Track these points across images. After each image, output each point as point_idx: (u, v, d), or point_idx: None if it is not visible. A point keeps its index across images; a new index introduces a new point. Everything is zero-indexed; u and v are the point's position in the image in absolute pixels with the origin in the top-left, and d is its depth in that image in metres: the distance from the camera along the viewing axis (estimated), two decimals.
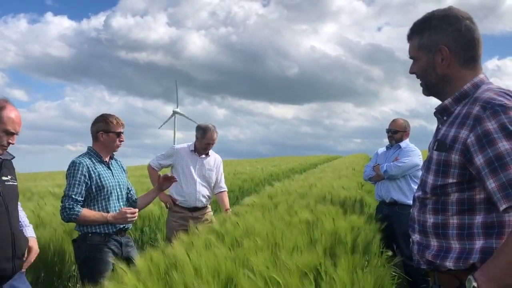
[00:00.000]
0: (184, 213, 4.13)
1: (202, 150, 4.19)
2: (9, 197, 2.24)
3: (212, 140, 4.16)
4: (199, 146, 4.18)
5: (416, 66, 1.57)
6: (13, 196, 2.29)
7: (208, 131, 4.14)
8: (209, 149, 4.22)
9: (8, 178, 2.29)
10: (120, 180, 3.19)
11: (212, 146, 4.21)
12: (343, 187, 5.40)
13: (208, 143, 4.15)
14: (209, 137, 4.14)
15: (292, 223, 3.01)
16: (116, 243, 3.06)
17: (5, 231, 2.16)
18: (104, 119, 3.13)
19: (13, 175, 2.36)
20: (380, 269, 2.64)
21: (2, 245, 2.14)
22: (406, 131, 4.35)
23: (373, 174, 4.36)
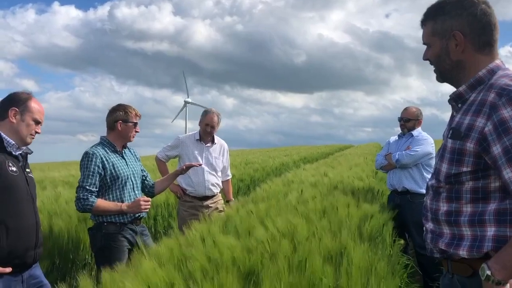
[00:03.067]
0: (194, 202, 4.13)
1: (205, 135, 4.15)
2: (32, 187, 2.33)
3: (212, 122, 4.10)
4: (201, 130, 4.16)
5: (430, 52, 1.55)
6: (34, 187, 2.39)
7: (208, 112, 4.13)
8: (210, 133, 4.15)
9: (28, 170, 2.38)
10: (134, 169, 3.22)
11: (213, 130, 4.14)
12: (355, 177, 5.39)
13: (207, 123, 4.10)
14: (209, 118, 4.10)
15: (305, 212, 3.02)
16: (131, 232, 3.10)
17: (32, 220, 2.25)
18: (123, 108, 3.16)
19: (30, 168, 2.45)
20: (393, 257, 2.65)
21: (29, 233, 2.23)
22: (419, 119, 4.31)
23: (384, 163, 4.34)
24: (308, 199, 3.49)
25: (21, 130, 2.27)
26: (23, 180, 2.25)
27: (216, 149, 4.24)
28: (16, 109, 2.27)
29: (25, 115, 2.29)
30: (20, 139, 2.28)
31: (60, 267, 3.68)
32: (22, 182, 2.23)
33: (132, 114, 3.16)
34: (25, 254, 2.21)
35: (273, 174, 11.06)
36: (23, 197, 2.22)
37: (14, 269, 2.17)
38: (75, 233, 3.83)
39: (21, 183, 2.21)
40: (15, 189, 2.17)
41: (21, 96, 2.32)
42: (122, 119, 3.14)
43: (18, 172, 2.21)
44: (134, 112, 3.18)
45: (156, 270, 1.88)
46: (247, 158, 14.23)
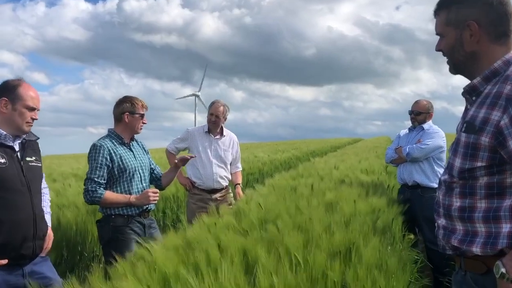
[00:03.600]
0: (203, 195, 4.12)
1: (212, 126, 4.13)
2: (32, 178, 2.25)
3: (217, 111, 4.08)
4: (208, 122, 4.14)
5: (443, 42, 1.50)
6: (36, 176, 2.31)
7: (215, 102, 4.11)
8: (215, 122, 4.12)
9: (32, 159, 2.30)
10: (142, 161, 3.21)
11: (218, 120, 4.11)
12: (365, 170, 5.34)
13: (211, 113, 4.08)
14: (214, 108, 4.08)
15: (314, 205, 3.00)
16: (139, 225, 3.09)
17: (28, 210, 2.18)
18: (129, 100, 3.15)
19: (38, 156, 2.37)
20: (403, 252, 2.61)
21: (24, 225, 2.16)
22: (429, 112, 4.25)
23: (395, 156, 4.30)
24: (317, 193, 3.47)
25: (15, 120, 2.19)
26: (16, 170, 2.16)
27: (225, 142, 4.21)
28: (5, 99, 2.19)
29: (17, 103, 2.20)
30: (16, 128, 2.21)
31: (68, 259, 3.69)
32: (13, 172, 2.14)
33: (138, 105, 3.14)
34: (22, 246, 2.15)
35: (281, 167, 11.03)
36: (15, 188, 2.14)
37: (12, 262, 2.12)
38: (83, 225, 3.84)
39: (12, 174, 2.13)
40: (4, 181, 2.09)
41: (10, 84, 2.23)
42: (129, 111, 3.13)
43: (7, 163, 2.13)
44: (140, 103, 3.16)
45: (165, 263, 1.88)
46: (256, 152, 14.22)
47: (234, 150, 4.29)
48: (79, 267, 3.70)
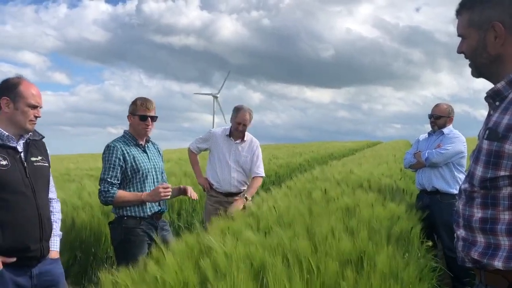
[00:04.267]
0: (220, 197, 4.09)
1: (236, 132, 4.07)
2: (37, 178, 2.21)
3: (244, 120, 4.00)
4: (232, 127, 4.08)
5: (465, 45, 1.42)
6: (41, 177, 2.27)
7: (241, 110, 4.02)
8: (241, 130, 4.05)
9: (37, 159, 2.26)
10: (156, 163, 3.19)
11: (245, 128, 4.05)
12: (382, 174, 5.24)
13: (239, 122, 4.00)
14: (241, 116, 4.00)
15: (329, 210, 2.94)
16: (151, 227, 3.07)
17: (32, 212, 2.15)
18: (133, 101, 3.14)
19: (45, 156, 2.33)
20: (420, 260, 2.53)
21: (30, 226, 2.13)
22: (450, 116, 4.14)
23: (413, 161, 4.20)
24: (333, 197, 3.41)
25: (18, 120, 2.15)
26: (19, 172, 2.12)
27: (245, 147, 4.13)
28: (7, 98, 2.14)
29: (18, 102, 2.15)
30: (19, 128, 2.17)
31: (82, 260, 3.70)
32: (16, 174, 2.10)
33: (137, 105, 3.11)
34: (29, 248, 2.12)
35: (298, 170, 10.95)
36: (17, 190, 2.10)
37: (20, 263, 2.10)
38: (97, 226, 3.84)
39: (14, 175, 2.09)
40: (6, 183, 2.06)
41: (10, 82, 2.18)
42: (131, 112, 3.12)
43: (10, 164, 2.09)
44: (139, 102, 3.11)
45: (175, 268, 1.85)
46: (273, 153, 14.16)
47: (254, 156, 4.16)
48: (93, 268, 3.70)
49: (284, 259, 1.94)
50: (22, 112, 2.16)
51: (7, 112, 2.14)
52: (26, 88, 2.18)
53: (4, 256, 2.06)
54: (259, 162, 4.19)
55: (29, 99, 2.17)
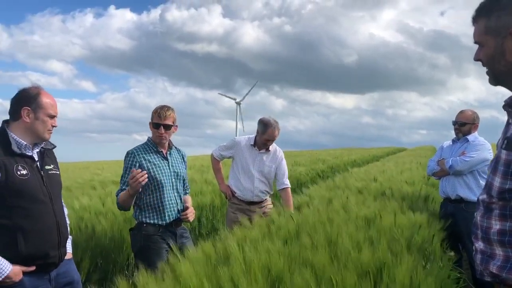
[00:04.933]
0: (242, 205, 4.07)
1: (262, 145, 4.05)
2: (53, 186, 2.27)
3: (273, 137, 3.97)
4: (259, 140, 4.04)
5: (482, 52, 1.39)
6: (55, 184, 2.32)
7: (269, 127, 3.95)
8: (268, 145, 4.05)
9: (51, 167, 2.31)
10: (177, 170, 3.19)
11: (272, 142, 4.05)
12: (406, 182, 5.15)
13: (267, 139, 3.98)
14: (270, 134, 3.95)
15: (349, 219, 2.90)
16: (170, 234, 3.08)
17: (51, 219, 2.20)
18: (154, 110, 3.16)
19: (56, 164, 2.39)
20: (443, 271, 2.47)
21: (49, 234, 2.18)
22: (475, 123, 4.03)
23: (437, 169, 4.11)
24: (353, 206, 3.36)
25: (37, 129, 2.21)
26: (37, 181, 2.18)
27: (269, 157, 4.10)
28: (28, 108, 2.18)
29: (39, 112, 2.20)
30: (37, 137, 2.22)
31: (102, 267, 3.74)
32: (35, 183, 2.16)
33: (153, 114, 3.13)
34: (48, 255, 2.17)
35: (320, 177, 10.86)
36: (37, 198, 2.15)
37: (39, 269, 2.15)
38: (119, 233, 3.89)
39: (34, 184, 2.15)
40: (27, 192, 2.11)
41: (30, 92, 2.22)
42: (151, 121, 3.15)
43: (29, 174, 2.14)
44: (155, 110, 3.12)
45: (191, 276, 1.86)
46: (295, 160, 14.08)
47: (278, 166, 4.12)
48: (113, 275, 3.74)
49: (302, 269, 1.93)
50: (42, 122, 2.21)
51: (27, 122, 2.19)
52: (45, 98, 2.24)
53: (24, 265, 2.10)
54: (285, 172, 4.16)
55: (48, 110, 2.23)
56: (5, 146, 2.13)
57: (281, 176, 4.11)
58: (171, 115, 3.13)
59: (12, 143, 2.14)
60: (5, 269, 2.02)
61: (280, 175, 4.11)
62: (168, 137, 3.15)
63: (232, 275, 1.84)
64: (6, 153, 2.11)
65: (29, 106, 2.20)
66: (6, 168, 2.06)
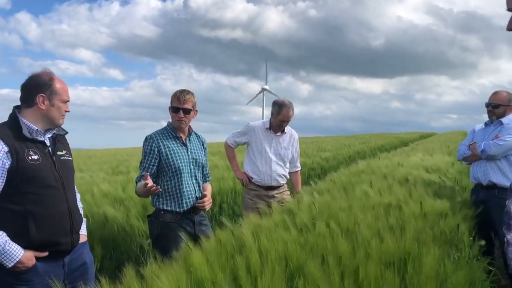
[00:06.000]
0: (260, 191, 4.02)
1: (277, 128, 4.01)
2: (65, 172, 2.24)
3: (287, 117, 3.94)
4: (274, 123, 4.01)
5: None
6: (68, 170, 2.29)
7: (284, 107, 3.92)
8: (284, 126, 4.02)
9: (63, 153, 2.28)
10: (196, 156, 3.12)
11: (287, 123, 4.01)
12: (433, 167, 4.94)
13: (283, 120, 3.94)
14: (284, 114, 3.92)
15: (372, 206, 2.77)
16: (188, 222, 3.03)
17: (63, 205, 2.17)
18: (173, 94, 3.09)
19: (68, 150, 2.36)
20: (472, 262, 2.31)
21: (61, 220, 2.16)
22: (510, 105, 3.80)
23: (468, 153, 3.90)
24: (377, 192, 3.22)
25: (53, 115, 2.19)
26: (49, 166, 2.15)
27: (285, 139, 4.07)
28: (43, 95, 2.16)
29: (54, 99, 2.18)
30: (51, 123, 2.21)
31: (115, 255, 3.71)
32: (46, 168, 2.13)
33: (172, 98, 3.05)
34: (60, 241, 2.15)
35: (346, 163, 10.66)
36: (49, 184, 2.12)
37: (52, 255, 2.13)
38: (136, 220, 3.85)
39: (45, 170, 2.12)
40: (38, 177, 2.09)
41: (44, 78, 2.19)
42: (170, 105, 3.08)
43: (41, 159, 2.11)
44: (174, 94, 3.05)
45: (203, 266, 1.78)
46: (321, 146, 13.91)
47: (294, 148, 4.13)
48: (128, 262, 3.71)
49: (322, 260, 1.82)
50: (57, 108, 2.19)
51: (42, 109, 2.17)
52: (59, 84, 2.21)
53: (37, 251, 2.08)
54: (298, 156, 4.22)
55: (63, 96, 2.21)
56: (16, 131, 2.10)
57: (295, 159, 4.15)
58: (190, 99, 3.05)
59: (24, 128, 2.11)
60: (17, 254, 2.00)
61: (294, 157, 4.15)
62: (188, 121, 3.07)
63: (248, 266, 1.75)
64: (17, 138, 2.08)
65: (44, 92, 2.17)
66: (18, 153, 2.04)
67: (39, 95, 2.16)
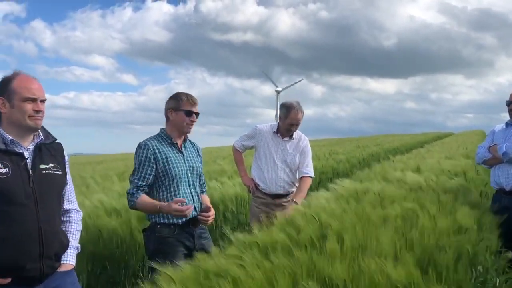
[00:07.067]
0: (267, 199, 3.79)
1: (285, 132, 3.75)
2: (44, 188, 1.96)
3: (296, 120, 3.68)
4: (282, 127, 3.76)
5: None
6: (50, 186, 2.01)
7: (292, 109, 3.66)
8: (293, 130, 3.76)
9: (47, 166, 2.00)
10: (193, 164, 2.92)
11: (297, 127, 3.75)
12: (450, 171, 4.64)
13: (291, 123, 3.69)
14: (293, 117, 3.66)
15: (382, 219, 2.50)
16: (187, 235, 2.80)
17: (31, 226, 1.89)
18: (175, 96, 2.87)
19: (58, 162, 2.08)
20: None
21: (27, 242, 1.88)
22: None
23: (488, 156, 3.63)
24: (390, 200, 2.95)
25: (15, 118, 1.92)
26: (20, 181, 1.89)
27: (293, 145, 3.81)
28: (1, 98, 1.93)
29: (13, 99, 1.91)
30: (20, 127, 1.94)
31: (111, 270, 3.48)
32: (16, 183, 1.87)
33: (183, 101, 2.82)
34: (25, 267, 1.87)
35: (359, 166, 10.34)
36: (16, 201, 1.86)
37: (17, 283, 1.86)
38: (130, 233, 3.62)
39: (14, 185, 1.86)
40: (4, 193, 1.83)
41: (4, 80, 1.96)
42: (173, 107, 2.84)
43: (10, 172, 1.86)
44: (185, 97, 2.83)
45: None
46: (333, 149, 13.60)
47: (302, 153, 3.83)
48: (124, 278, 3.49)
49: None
50: (18, 109, 1.92)
51: (5, 113, 1.93)
52: (20, 82, 1.94)
53: None
54: (308, 161, 3.85)
55: (23, 93, 1.92)
56: None
57: (302, 165, 3.81)
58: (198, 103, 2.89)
59: None
60: None
61: (301, 163, 3.81)
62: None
63: None
64: None
65: (2, 95, 1.92)
66: None
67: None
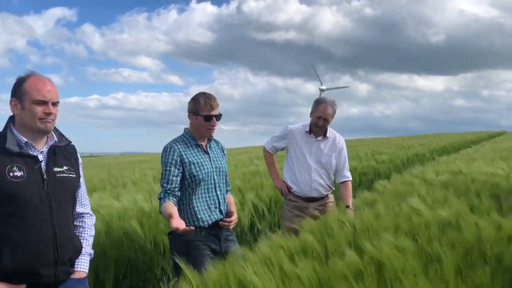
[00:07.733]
0: (299, 202, 3.62)
1: (315, 128, 3.58)
2: (58, 192, 1.93)
3: (325, 114, 3.49)
4: (312, 124, 3.60)
5: None
6: (63, 190, 1.97)
7: (321, 103, 3.52)
8: (321, 125, 3.56)
9: (61, 169, 1.97)
10: (219, 165, 2.86)
11: (326, 123, 3.55)
12: (502, 175, 4.30)
13: (319, 116, 3.50)
14: (321, 110, 3.50)
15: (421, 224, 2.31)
16: (213, 238, 2.76)
17: (46, 231, 1.86)
18: (194, 98, 2.78)
19: (73, 165, 2.04)
20: None
21: (42, 248, 1.85)
22: None
23: None
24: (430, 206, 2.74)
25: (26, 120, 1.88)
26: (35, 184, 1.85)
27: (328, 144, 3.63)
28: (14, 99, 1.89)
29: (24, 100, 1.87)
30: (31, 130, 1.90)
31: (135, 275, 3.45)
32: (30, 187, 1.84)
33: (200, 105, 2.73)
34: (40, 273, 1.84)
35: (403, 166, 9.92)
36: (31, 205, 1.83)
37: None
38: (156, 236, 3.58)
39: (28, 188, 1.83)
40: (18, 197, 1.80)
41: (17, 81, 1.91)
42: (192, 111, 2.77)
43: (25, 176, 1.83)
44: (203, 101, 2.73)
45: None
46: (375, 148, 13.18)
47: (339, 154, 3.65)
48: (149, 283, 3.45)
49: None
50: (29, 111, 1.88)
51: (17, 115, 1.91)
52: (31, 83, 1.90)
53: (9, 281, 1.79)
54: (346, 163, 3.70)
55: (34, 95, 1.87)
56: (1, 144, 1.85)
57: (341, 167, 3.65)
58: (218, 104, 2.79)
59: (9, 141, 1.85)
60: None
61: (339, 165, 3.64)
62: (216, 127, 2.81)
63: None
64: (1, 152, 1.83)
65: (15, 96, 1.90)
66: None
67: (11, 99, 1.90)
